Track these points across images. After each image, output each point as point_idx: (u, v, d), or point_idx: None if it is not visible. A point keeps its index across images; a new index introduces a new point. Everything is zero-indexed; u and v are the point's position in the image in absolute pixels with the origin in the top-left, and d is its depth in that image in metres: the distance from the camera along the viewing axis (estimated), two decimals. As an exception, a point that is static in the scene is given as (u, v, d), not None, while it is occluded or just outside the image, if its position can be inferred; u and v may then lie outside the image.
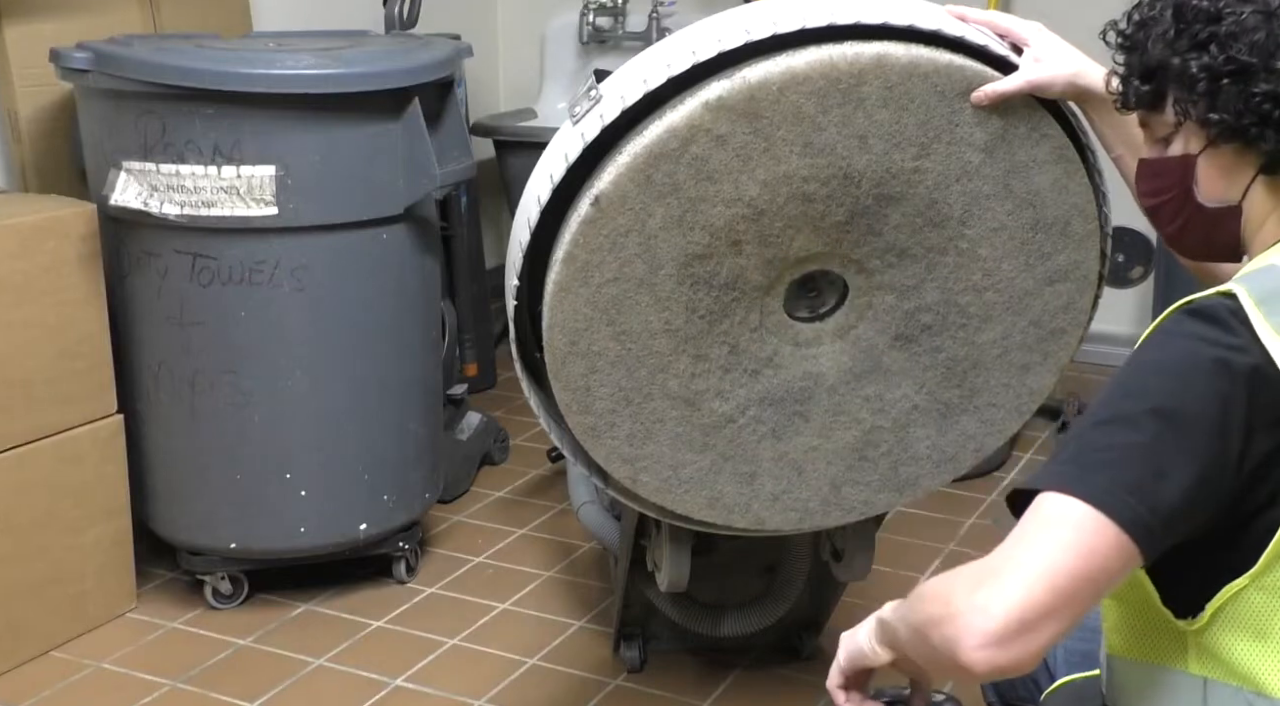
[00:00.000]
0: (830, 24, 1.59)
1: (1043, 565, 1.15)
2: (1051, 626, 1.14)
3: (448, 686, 2.46)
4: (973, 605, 1.15)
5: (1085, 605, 1.17)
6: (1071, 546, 1.15)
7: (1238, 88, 1.32)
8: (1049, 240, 1.74)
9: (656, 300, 1.70)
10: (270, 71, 2.43)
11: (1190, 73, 1.34)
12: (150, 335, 2.61)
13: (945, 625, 1.18)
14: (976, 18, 1.72)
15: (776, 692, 2.45)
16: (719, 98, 1.59)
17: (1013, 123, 1.66)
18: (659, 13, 3.98)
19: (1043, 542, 1.18)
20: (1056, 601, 1.14)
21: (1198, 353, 1.22)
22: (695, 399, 1.79)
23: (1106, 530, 1.16)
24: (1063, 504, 1.18)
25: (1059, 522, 1.18)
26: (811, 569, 2.38)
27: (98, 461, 2.61)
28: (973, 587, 1.17)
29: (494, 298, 3.65)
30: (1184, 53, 1.35)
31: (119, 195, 2.48)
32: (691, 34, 1.66)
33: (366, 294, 2.60)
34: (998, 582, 1.16)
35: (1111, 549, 1.16)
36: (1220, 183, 1.38)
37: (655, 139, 1.60)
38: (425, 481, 2.83)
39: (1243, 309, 1.23)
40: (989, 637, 1.13)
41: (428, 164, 2.53)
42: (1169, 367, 1.23)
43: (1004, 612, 1.13)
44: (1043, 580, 1.14)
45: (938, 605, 1.21)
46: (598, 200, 1.63)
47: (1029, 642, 1.13)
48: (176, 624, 2.68)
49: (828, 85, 1.59)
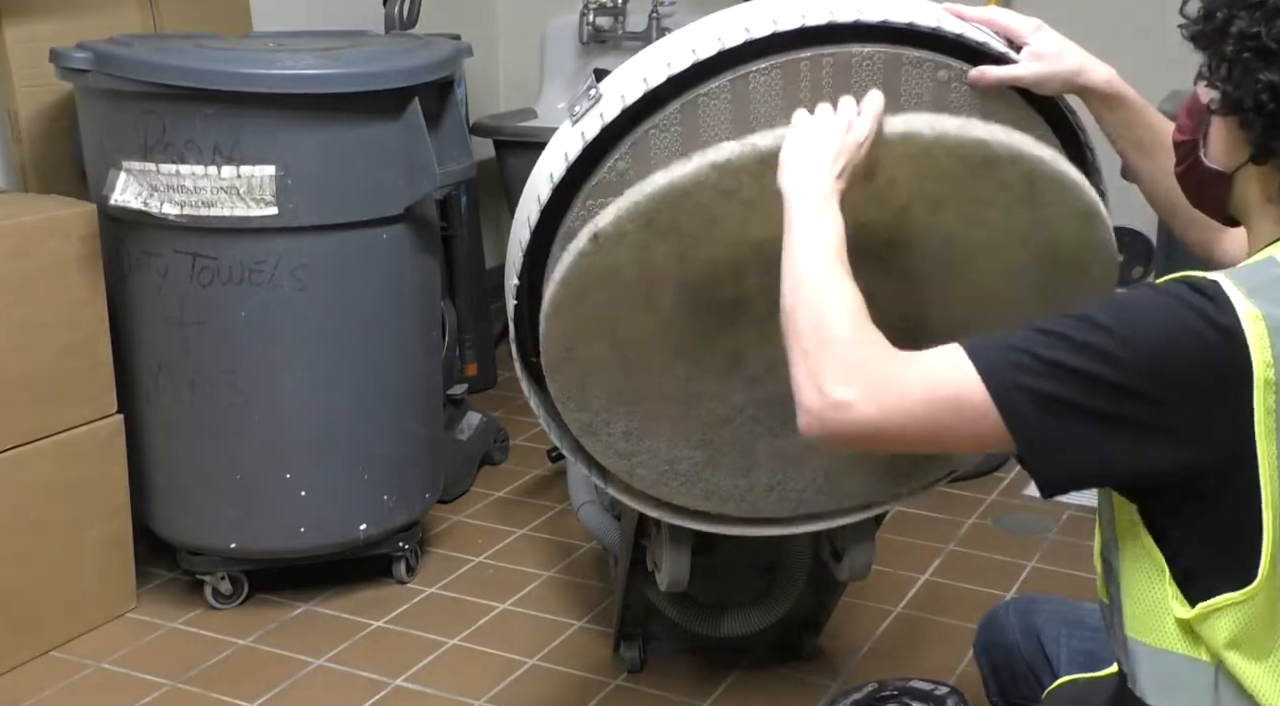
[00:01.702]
0: (830, 22, 1.59)
1: (899, 399, 1.25)
2: (872, 444, 1.29)
3: (448, 686, 2.46)
4: (827, 390, 1.27)
5: (917, 445, 1.29)
6: (937, 398, 1.25)
7: (1253, 66, 1.30)
8: (1065, 281, 1.71)
9: (655, 318, 1.68)
10: (270, 71, 2.43)
11: (1228, 31, 1.32)
12: (150, 335, 2.61)
13: (800, 372, 1.30)
14: (975, 15, 1.72)
15: (776, 692, 2.45)
16: (727, 160, 1.56)
17: (1037, 183, 1.62)
18: (659, 13, 3.98)
19: (919, 380, 1.26)
20: (890, 431, 1.26)
21: (1178, 310, 1.23)
22: (692, 400, 1.78)
23: (982, 405, 1.23)
24: (963, 366, 1.25)
25: (943, 375, 1.25)
26: (811, 569, 2.38)
27: (98, 461, 2.61)
28: (842, 375, 1.27)
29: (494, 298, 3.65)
30: (1236, 8, 1.32)
31: (119, 195, 2.48)
32: (692, 33, 1.66)
33: (366, 294, 2.60)
34: (858, 390, 1.26)
35: (975, 420, 1.24)
36: (1221, 149, 1.38)
37: (658, 189, 1.57)
38: (425, 481, 2.83)
39: (1224, 292, 1.23)
40: (818, 424, 1.27)
41: (428, 164, 2.53)
42: (1146, 305, 1.25)
43: (841, 421, 1.26)
44: (889, 411, 1.25)
45: (813, 341, 1.31)
46: (596, 237, 1.59)
47: (848, 446, 1.30)
48: (176, 624, 2.68)
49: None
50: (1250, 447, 1.22)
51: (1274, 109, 1.30)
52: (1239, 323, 1.21)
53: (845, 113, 1.52)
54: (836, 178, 1.47)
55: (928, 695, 2.09)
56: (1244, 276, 1.26)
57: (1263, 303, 1.22)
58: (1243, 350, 1.21)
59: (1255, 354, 1.21)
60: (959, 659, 2.49)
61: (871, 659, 2.55)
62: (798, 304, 1.36)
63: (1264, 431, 1.21)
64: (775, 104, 1.67)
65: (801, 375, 1.30)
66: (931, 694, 2.09)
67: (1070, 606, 1.76)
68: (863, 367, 1.27)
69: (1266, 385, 1.21)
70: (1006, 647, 1.77)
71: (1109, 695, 1.46)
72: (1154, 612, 1.32)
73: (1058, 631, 1.72)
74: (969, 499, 3.18)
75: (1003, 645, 1.77)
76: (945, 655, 2.51)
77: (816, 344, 1.30)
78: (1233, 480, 1.23)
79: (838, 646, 2.58)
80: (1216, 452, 1.23)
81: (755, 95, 1.65)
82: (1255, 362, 1.21)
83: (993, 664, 1.79)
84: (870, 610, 2.71)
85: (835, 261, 1.38)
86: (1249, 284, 1.24)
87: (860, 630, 2.65)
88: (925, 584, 2.83)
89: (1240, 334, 1.21)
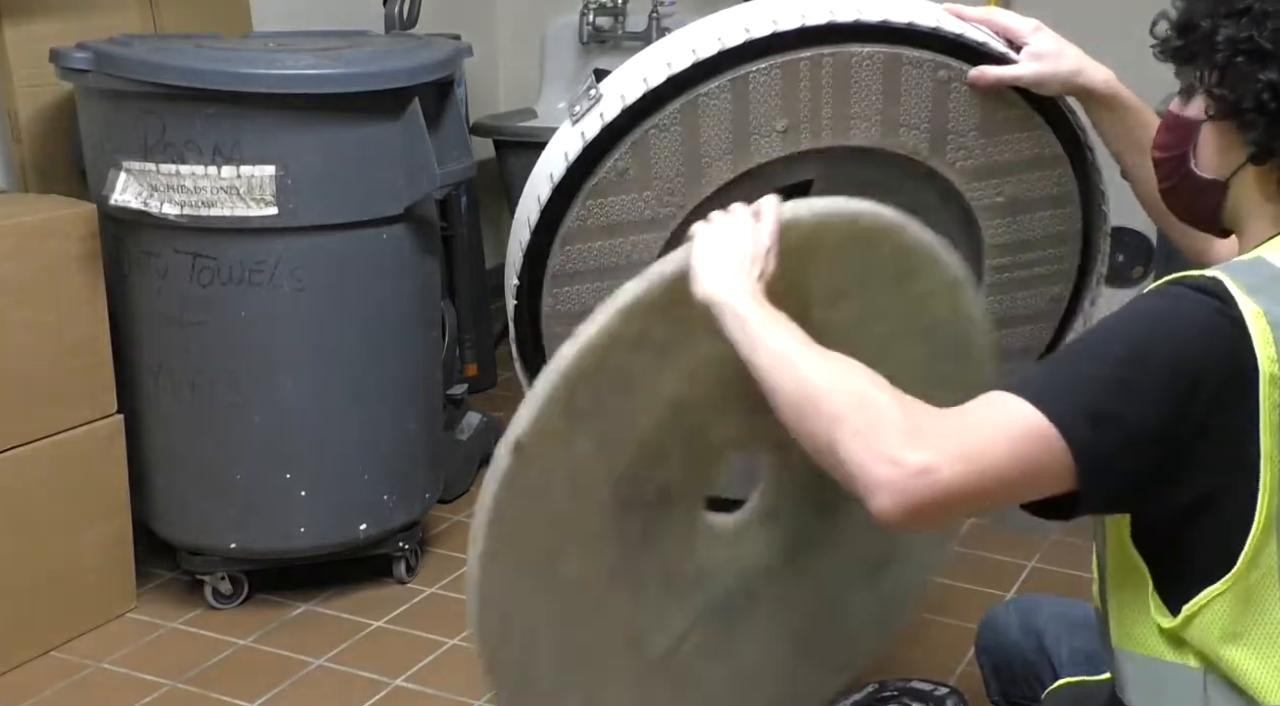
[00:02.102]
0: (830, 22, 1.59)
1: (981, 449, 1.17)
2: (961, 507, 1.18)
3: (448, 686, 2.46)
4: (902, 458, 1.15)
5: (998, 500, 1.21)
6: (1014, 441, 1.18)
7: (1248, 68, 1.31)
8: (953, 365, 1.62)
9: (590, 540, 1.53)
10: (270, 71, 2.43)
11: (1215, 40, 1.33)
12: (150, 335, 2.61)
13: (861, 453, 1.17)
14: (975, 15, 1.73)
15: (777, 692, 2.44)
16: (636, 299, 1.42)
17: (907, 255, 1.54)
18: (659, 13, 3.98)
19: (988, 429, 1.19)
20: (980, 487, 1.16)
21: (1193, 310, 1.23)
22: (640, 637, 1.62)
23: (1050, 437, 1.18)
24: (1018, 404, 1.20)
25: (1009, 417, 1.19)
26: (812, 569, 2.37)
27: (98, 461, 2.61)
28: (909, 441, 1.17)
29: (494, 297, 3.65)
30: (1219, 18, 1.33)
31: (119, 195, 2.48)
32: (692, 33, 1.66)
33: (366, 294, 2.60)
34: (934, 451, 1.16)
35: (1047, 457, 1.18)
36: (1214, 156, 1.38)
37: (572, 363, 1.42)
38: (425, 481, 2.83)
39: (1227, 289, 1.23)
40: (903, 496, 1.15)
41: (428, 164, 2.53)
42: (1159, 316, 1.25)
43: (930, 486, 1.15)
44: (977, 465, 1.16)
45: (863, 420, 1.19)
46: (520, 446, 1.43)
47: (934, 516, 1.16)
48: (176, 624, 2.68)
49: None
50: (1255, 445, 1.22)
51: (1276, 107, 1.30)
52: (1244, 317, 1.22)
53: (746, 221, 1.45)
54: (757, 282, 1.38)
55: (928, 695, 2.10)
56: (1241, 274, 1.26)
57: (1263, 300, 1.23)
58: (1249, 344, 1.21)
59: (1260, 349, 1.21)
60: (959, 659, 2.49)
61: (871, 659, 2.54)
62: (818, 392, 1.24)
63: (1268, 426, 1.22)
64: (775, 104, 1.67)
65: (863, 457, 1.17)
66: (931, 694, 2.10)
67: (1072, 606, 1.77)
68: (930, 430, 1.18)
69: (1271, 380, 1.21)
70: (1007, 647, 1.77)
71: (1107, 698, 1.46)
72: (1139, 622, 1.33)
73: (1059, 631, 1.72)
74: (969, 499, 3.17)
75: (1004, 645, 1.78)
76: (945, 655, 2.51)
77: (868, 419, 1.19)
78: (1238, 481, 1.23)
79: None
80: (1228, 461, 1.23)
81: (755, 95, 1.66)
82: (1260, 357, 1.21)
83: (993, 663, 1.80)
84: (870, 610, 2.71)
85: (813, 346, 1.30)
86: (1247, 282, 1.24)
87: (860, 630, 2.64)
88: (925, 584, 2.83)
89: (1246, 328, 1.21)
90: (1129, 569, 1.31)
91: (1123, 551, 1.31)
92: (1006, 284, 1.86)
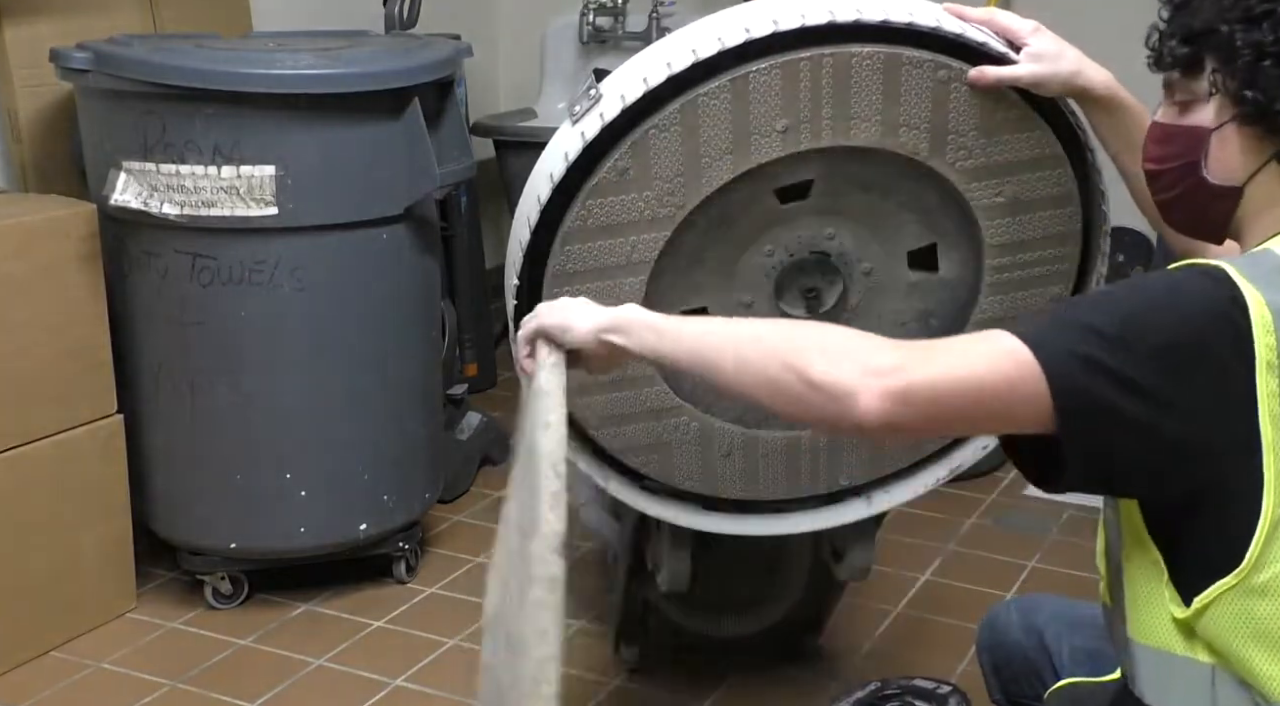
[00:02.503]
0: (830, 22, 1.59)
1: (957, 360, 1.21)
2: (935, 409, 1.21)
3: (448, 686, 2.46)
4: (875, 362, 1.20)
5: (972, 414, 1.23)
6: (992, 359, 1.21)
7: (1276, 71, 1.30)
8: None
9: None
10: (270, 71, 2.43)
11: (1236, 45, 1.31)
12: (150, 335, 2.61)
13: (835, 369, 1.21)
14: (975, 15, 1.73)
15: (776, 692, 2.45)
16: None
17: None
18: (659, 13, 3.98)
19: (969, 347, 1.23)
20: (951, 390, 1.20)
21: (1203, 287, 1.23)
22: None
23: (1029, 365, 1.20)
24: (1006, 336, 1.22)
25: (992, 343, 1.22)
26: (811, 569, 2.38)
27: (98, 461, 2.61)
28: (883, 350, 1.22)
29: (494, 298, 3.65)
30: (1235, 22, 1.32)
31: (119, 195, 2.48)
32: (692, 33, 1.66)
33: (366, 294, 2.60)
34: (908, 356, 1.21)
35: (1022, 385, 1.20)
36: (1232, 162, 1.36)
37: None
38: (425, 481, 2.83)
39: (1229, 275, 1.23)
40: (878, 393, 1.19)
41: (428, 164, 2.53)
42: (1169, 287, 1.25)
43: (902, 380, 1.19)
44: (949, 371, 1.20)
45: (833, 344, 1.25)
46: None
47: (909, 414, 1.20)
48: (176, 624, 2.68)
49: None
50: (1255, 436, 1.22)
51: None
52: (1246, 301, 1.22)
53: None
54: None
55: (930, 694, 2.10)
56: (1243, 265, 1.26)
57: (1265, 289, 1.23)
58: (1249, 330, 1.21)
59: (1258, 336, 1.21)
60: (959, 659, 2.49)
61: (871, 659, 2.55)
62: (777, 342, 1.28)
63: (1268, 417, 1.22)
64: (775, 104, 1.67)
65: (838, 371, 1.21)
66: (934, 692, 2.10)
67: (1072, 606, 1.76)
68: (907, 345, 1.24)
69: (1269, 367, 1.21)
70: (1008, 646, 1.77)
71: (1110, 699, 1.46)
72: (1153, 613, 1.32)
73: (1060, 630, 1.72)
74: (969, 499, 3.18)
75: (1004, 644, 1.77)
76: (945, 655, 2.51)
77: (837, 343, 1.25)
78: (1240, 469, 1.23)
79: (838, 646, 2.58)
80: (1225, 446, 1.23)
81: (755, 95, 1.66)
82: (1258, 344, 1.21)
83: (994, 662, 1.79)
84: (870, 610, 2.71)
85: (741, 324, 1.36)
86: (1249, 272, 1.24)
87: (860, 630, 2.65)
88: (925, 584, 2.83)
89: (1249, 311, 1.21)
90: (1144, 559, 1.31)
91: (1138, 541, 1.31)
92: (1006, 284, 1.85)
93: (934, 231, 1.84)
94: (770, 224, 1.81)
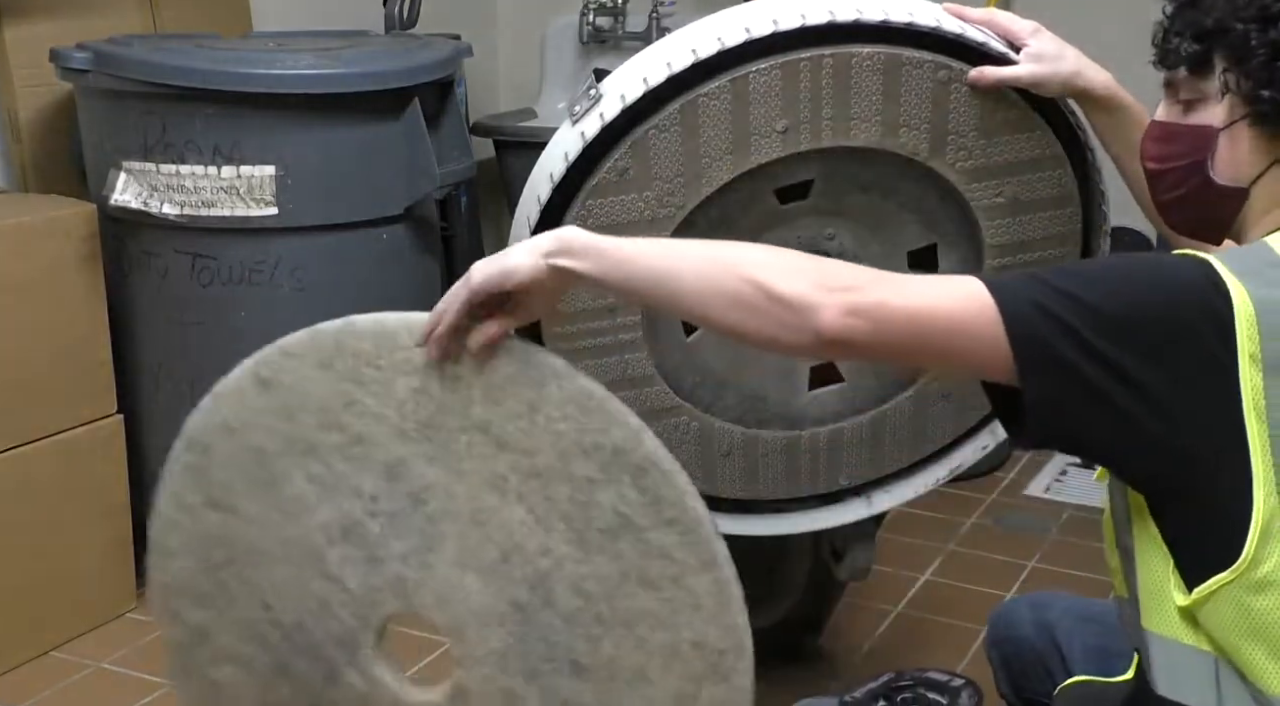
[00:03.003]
0: (831, 22, 1.59)
1: (914, 289, 1.23)
2: (888, 331, 1.21)
3: (448, 686, 2.46)
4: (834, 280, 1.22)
5: (927, 343, 1.23)
6: (951, 294, 1.22)
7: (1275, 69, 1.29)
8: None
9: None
10: (270, 71, 2.43)
11: (1250, 44, 1.30)
12: (150, 335, 2.61)
13: (798, 284, 1.22)
14: (975, 15, 1.72)
15: (776, 692, 2.44)
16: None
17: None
18: (659, 13, 3.98)
19: (928, 282, 1.25)
20: (905, 316, 1.21)
21: (1189, 270, 1.23)
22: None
23: (989, 307, 1.20)
24: (973, 282, 1.23)
25: (955, 281, 1.24)
26: (811, 569, 2.38)
27: (98, 461, 2.61)
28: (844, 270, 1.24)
29: (494, 298, 3.65)
30: (1249, 21, 1.30)
31: (119, 195, 2.48)
32: (692, 33, 1.66)
33: (366, 294, 2.60)
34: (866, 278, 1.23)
35: (979, 322, 1.20)
36: (1239, 162, 1.36)
37: None
38: (425, 481, 2.83)
39: (1215, 268, 1.22)
40: (834, 309, 1.20)
41: (428, 164, 2.53)
42: (1151, 265, 1.25)
43: (857, 298, 1.20)
44: (904, 297, 1.21)
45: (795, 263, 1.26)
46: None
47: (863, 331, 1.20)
48: (176, 624, 2.68)
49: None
50: (1241, 430, 1.21)
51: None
52: (1230, 295, 1.21)
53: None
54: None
55: (943, 686, 2.11)
56: (1233, 259, 1.26)
57: (1253, 283, 1.22)
58: (1232, 321, 1.20)
59: (1240, 328, 1.20)
60: (959, 659, 2.49)
61: (871, 659, 2.54)
62: (735, 262, 1.25)
63: (1253, 411, 1.21)
64: (775, 104, 1.67)
65: (800, 285, 1.22)
66: (947, 685, 2.11)
67: (1085, 603, 1.76)
68: (859, 268, 1.26)
69: (1252, 360, 1.20)
70: (1018, 641, 1.76)
71: (1123, 699, 1.46)
72: (1161, 601, 1.32)
73: (1071, 626, 1.71)
74: (969, 499, 3.18)
75: (1014, 638, 1.77)
76: (946, 655, 2.51)
77: (794, 260, 1.26)
78: (1225, 464, 1.23)
79: (838, 646, 2.58)
80: (1202, 430, 1.22)
81: (755, 95, 1.66)
82: (1240, 336, 1.20)
83: (1004, 657, 1.79)
84: (870, 610, 2.71)
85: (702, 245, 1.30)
86: (1238, 267, 1.24)
87: (860, 630, 2.65)
88: (925, 584, 2.83)
89: (1232, 305, 1.21)
90: (1152, 546, 1.31)
91: (1146, 529, 1.31)
92: (1007, 284, 1.85)
93: (934, 232, 1.84)
94: (770, 224, 1.81)
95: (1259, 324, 1.20)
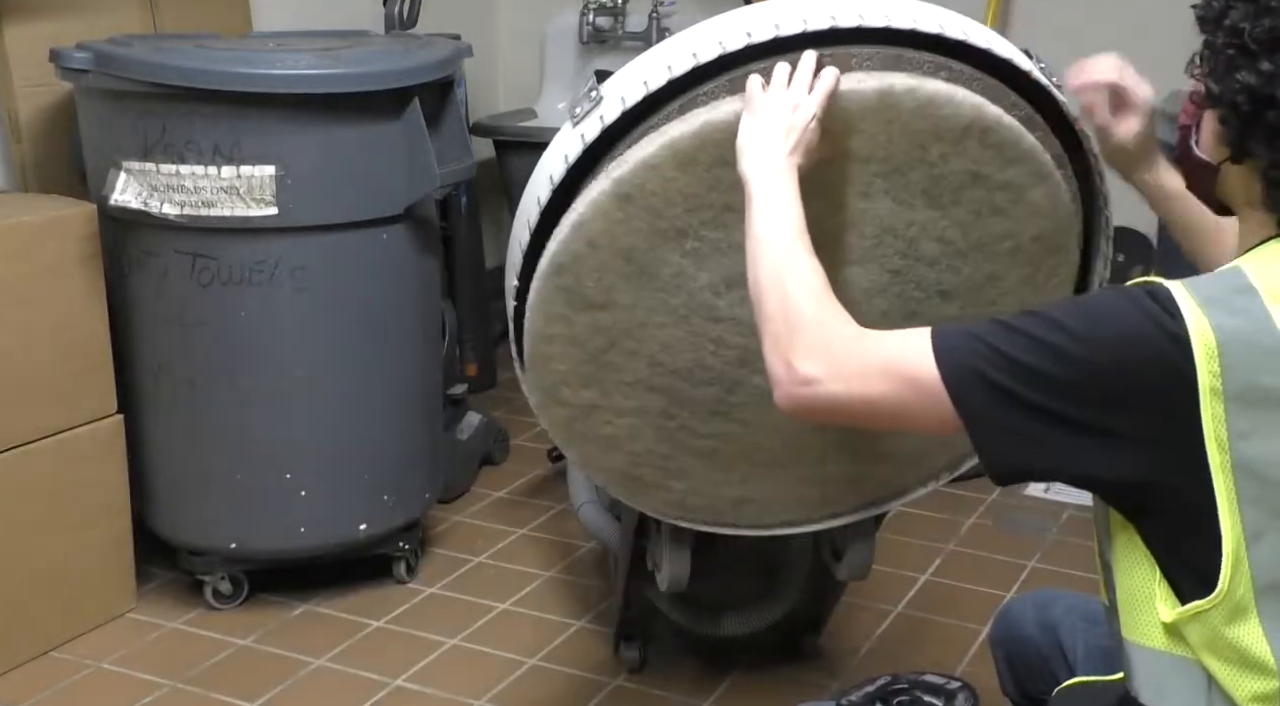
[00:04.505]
0: (833, 27, 1.59)
1: (863, 381, 1.31)
2: (843, 419, 1.36)
3: (448, 686, 2.46)
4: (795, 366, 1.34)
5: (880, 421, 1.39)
6: (896, 381, 1.30)
7: (1234, 63, 1.29)
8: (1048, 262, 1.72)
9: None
10: (270, 71, 2.43)
11: (1221, 24, 1.31)
12: (150, 335, 2.61)
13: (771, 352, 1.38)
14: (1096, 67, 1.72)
15: (776, 692, 2.45)
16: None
17: (994, 140, 1.60)
18: (659, 13, 3.98)
19: (881, 361, 1.31)
20: (853, 410, 1.33)
21: (1135, 314, 1.23)
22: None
23: (935, 392, 1.27)
24: (923, 349, 1.29)
25: (906, 357, 1.30)
26: (811, 569, 2.38)
27: (98, 461, 2.61)
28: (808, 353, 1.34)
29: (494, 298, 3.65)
30: (1232, 4, 1.31)
31: (119, 195, 2.48)
32: (692, 36, 1.65)
33: (366, 294, 2.60)
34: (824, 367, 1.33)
35: (924, 403, 1.28)
36: (1210, 141, 1.37)
37: (695, 128, 1.57)
38: (425, 481, 2.83)
39: (1175, 301, 1.23)
40: (789, 399, 1.36)
41: (428, 164, 2.53)
42: (1104, 311, 1.26)
43: (810, 396, 1.34)
44: (854, 391, 1.32)
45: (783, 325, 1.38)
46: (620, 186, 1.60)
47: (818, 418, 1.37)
48: (176, 624, 2.68)
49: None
50: (1202, 459, 1.22)
51: (1249, 111, 1.28)
52: (1188, 332, 1.21)
53: (797, 90, 1.52)
54: (790, 155, 1.49)
55: (940, 688, 2.11)
56: (1201, 286, 1.26)
57: (1216, 313, 1.22)
58: (1190, 359, 1.21)
59: (1201, 363, 1.20)
60: (959, 659, 2.49)
61: (871, 659, 2.55)
62: (763, 288, 1.41)
63: (1214, 442, 1.22)
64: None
65: (771, 352, 1.37)
66: (944, 687, 2.11)
67: (1089, 602, 1.76)
68: (828, 345, 1.34)
69: (1213, 393, 1.21)
70: (1022, 640, 1.76)
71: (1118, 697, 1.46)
72: (1144, 613, 1.32)
73: (1075, 625, 1.71)
74: (969, 499, 3.18)
75: (1018, 638, 1.77)
76: (945, 655, 2.52)
77: (784, 325, 1.37)
78: (1188, 492, 1.23)
79: (838, 646, 2.59)
80: (1166, 464, 1.23)
81: (756, 96, 1.65)
82: (1200, 372, 1.20)
83: (1008, 656, 1.79)
84: (870, 610, 2.71)
85: (795, 241, 1.43)
86: (1205, 294, 1.24)
87: (860, 630, 2.65)
88: (925, 584, 2.83)
89: (1189, 342, 1.21)
90: (1137, 557, 1.31)
91: (1129, 540, 1.31)
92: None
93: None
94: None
95: (1220, 355, 1.21)
